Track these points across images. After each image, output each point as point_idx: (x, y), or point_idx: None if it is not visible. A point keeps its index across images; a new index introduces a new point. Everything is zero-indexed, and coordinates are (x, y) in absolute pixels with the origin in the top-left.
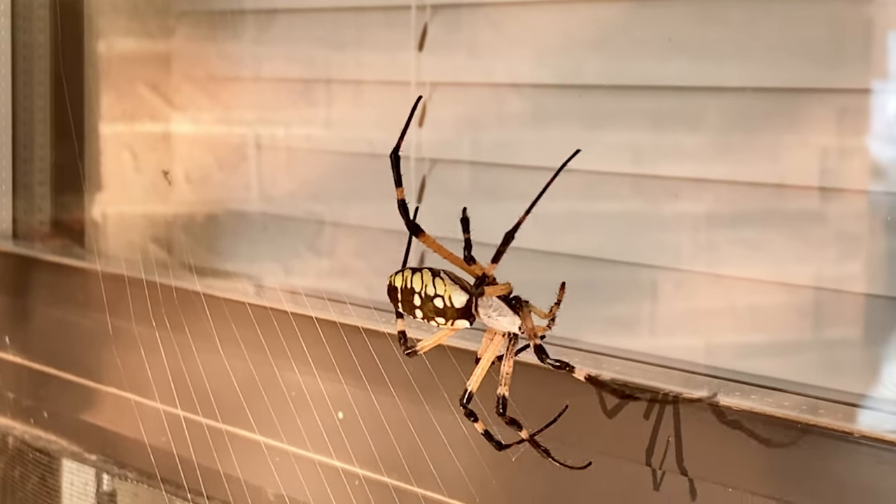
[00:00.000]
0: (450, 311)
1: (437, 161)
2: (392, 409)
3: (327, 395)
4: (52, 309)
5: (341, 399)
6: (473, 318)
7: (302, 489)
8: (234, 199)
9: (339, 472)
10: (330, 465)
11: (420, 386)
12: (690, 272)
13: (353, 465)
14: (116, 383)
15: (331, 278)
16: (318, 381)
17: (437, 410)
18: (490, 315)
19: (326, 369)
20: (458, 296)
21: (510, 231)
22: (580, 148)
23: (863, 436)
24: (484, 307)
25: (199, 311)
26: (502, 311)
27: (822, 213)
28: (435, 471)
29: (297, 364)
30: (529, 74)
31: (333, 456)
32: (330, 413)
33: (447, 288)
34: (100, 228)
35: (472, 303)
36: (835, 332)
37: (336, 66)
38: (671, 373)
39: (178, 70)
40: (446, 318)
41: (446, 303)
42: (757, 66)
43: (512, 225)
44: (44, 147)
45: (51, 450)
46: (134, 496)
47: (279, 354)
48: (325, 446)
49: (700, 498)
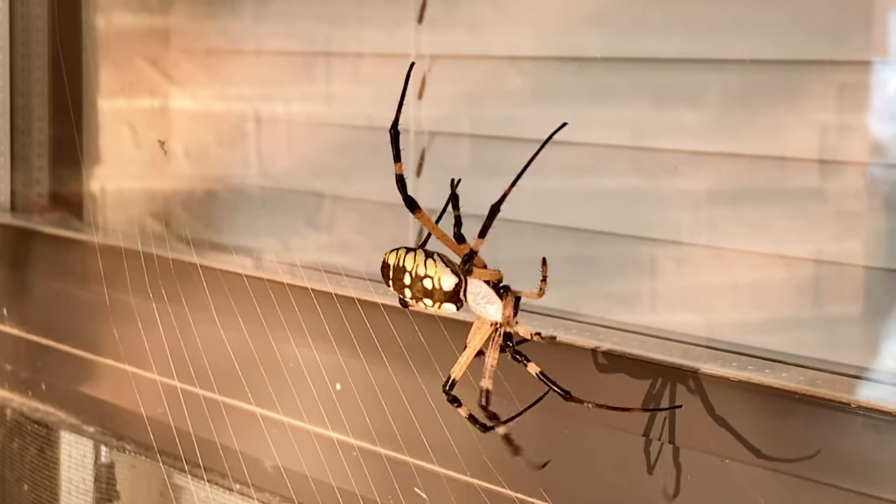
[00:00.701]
0: (438, 293)
1: (436, 134)
2: (387, 380)
3: (324, 366)
4: (50, 281)
5: (339, 371)
6: (461, 303)
7: (299, 461)
8: (233, 174)
9: (336, 443)
10: (327, 437)
11: (413, 358)
12: (692, 246)
13: (349, 436)
14: (114, 355)
15: (330, 253)
16: (315, 352)
17: (433, 381)
18: (478, 301)
19: (323, 341)
20: (448, 279)
21: (495, 204)
22: (582, 120)
23: (860, 406)
24: (472, 293)
25: (197, 283)
26: (490, 299)
27: (823, 189)
28: (428, 442)
29: (294, 336)
30: (529, 48)
31: (330, 427)
32: (327, 385)
33: (438, 269)
34: (98, 203)
35: (460, 287)
36: (835, 307)
37: (336, 40)
38: (668, 344)
39: (177, 45)
40: (434, 300)
41: (435, 284)
42: (758, 40)
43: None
44: (42, 120)
45: (49, 421)
46: (132, 468)
47: (277, 326)
48: (323, 418)
49: (696, 468)
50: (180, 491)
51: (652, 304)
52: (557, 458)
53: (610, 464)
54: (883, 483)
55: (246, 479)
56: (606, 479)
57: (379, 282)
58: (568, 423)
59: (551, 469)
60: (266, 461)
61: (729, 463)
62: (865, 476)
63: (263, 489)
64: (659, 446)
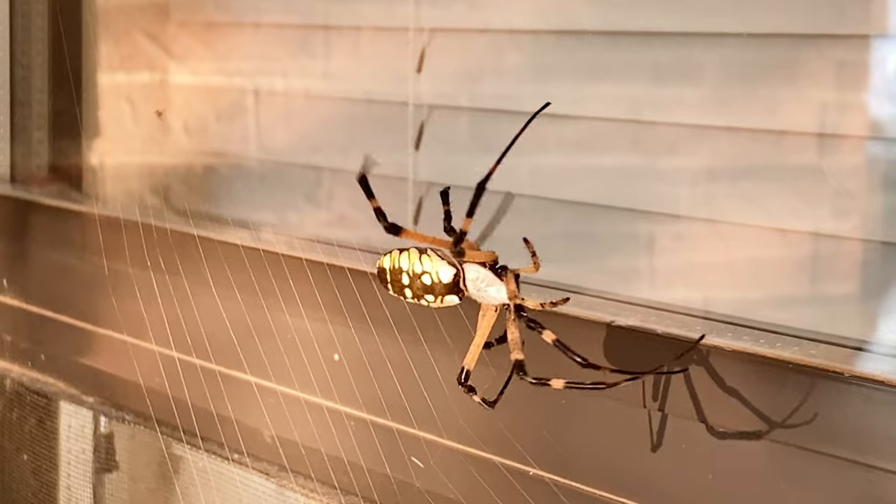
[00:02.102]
0: (438, 287)
1: (435, 108)
2: (393, 351)
3: (322, 337)
4: (50, 252)
5: (338, 341)
6: (462, 292)
7: (297, 431)
8: (232, 149)
9: (328, 412)
10: (327, 407)
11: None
12: (691, 222)
13: (348, 406)
14: (113, 326)
15: (329, 227)
16: (310, 323)
17: (437, 353)
18: (479, 288)
19: (319, 311)
20: (445, 270)
21: (481, 182)
22: (580, 95)
23: (854, 376)
24: (471, 280)
25: (195, 254)
26: (490, 282)
27: (821, 165)
28: (426, 412)
29: (289, 307)
30: (528, 22)
31: (330, 398)
32: (326, 355)
33: (434, 263)
34: (98, 176)
35: (459, 276)
36: (833, 282)
37: (335, 14)
38: (662, 314)
39: (176, 19)
40: (435, 295)
41: (434, 279)
42: (756, 14)
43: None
44: (42, 92)
45: (48, 392)
46: (131, 438)
47: (275, 297)
48: (321, 388)
49: (691, 438)
50: (179, 461)
51: (650, 280)
52: (553, 428)
53: (605, 433)
54: (875, 451)
55: (244, 449)
56: (601, 448)
57: (378, 252)
58: (563, 393)
59: (545, 439)
60: (265, 431)
61: (723, 432)
62: (859, 444)
63: (261, 458)
64: (656, 416)
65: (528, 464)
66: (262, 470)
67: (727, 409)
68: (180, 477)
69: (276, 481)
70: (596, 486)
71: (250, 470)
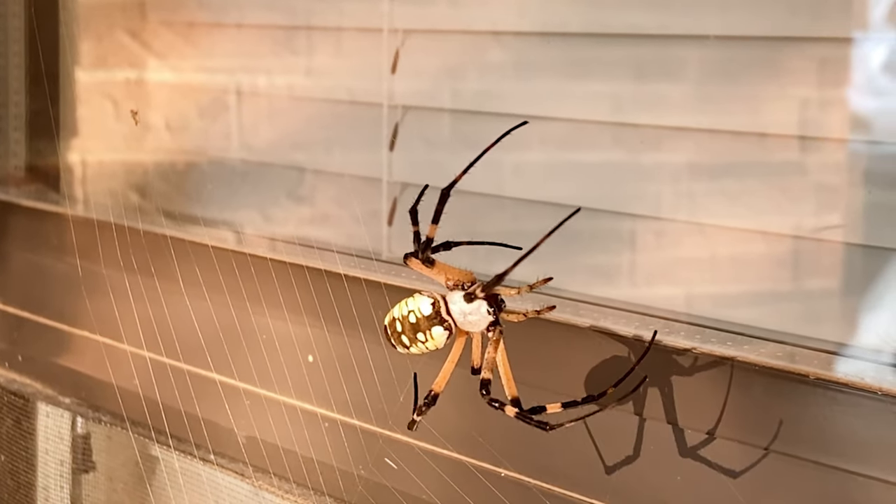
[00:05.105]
0: (423, 322)
1: (409, 108)
2: (367, 353)
3: (299, 339)
4: (27, 253)
5: (312, 342)
6: (447, 321)
7: (272, 432)
8: (214, 147)
9: (301, 413)
10: (301, 408)
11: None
12: (672, 221)
13: (323, 407)
14: (89, 327)
15: (311, 226)
16: (285, 324)
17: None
18: (465, 313)
19: (296, 313)
20: (425, 302)
21: (445, 189)
22: (563, 95)
23: (838, 382)
24: (455, 304)
25: (167, 255)
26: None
27: (803, 164)
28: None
29: (268, 308)
30: (510, 23)
31: (306, 399)
32: (301, 356)
33: (416, 300)
34: (77, 175)
35: (437, 305)
36: (814, 282)
37: (317, 13)
38: (648, 320)
39: (157, 17)
40: (422, 331)
41: (417, 314)
42: (739, 15)
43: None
44: (19, 93)
45: (25, 392)
46: (108, 438)
47: (254, 300)
48: (296, 389)
49: (676, 444)
50: (155, 462)
51: (631, 279)
52: (526, 433)
53: (574, 435)
54: (840, 453)
55: (220, 450)
56: (570, 450)
57: (361, 256)
58: (534, 396)
59: (517, 441)
60: (240, 432)
61: (707, 438)
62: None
63: (237, 459)
64: (626, 419)
65: (500, 465)
66: (238, 471)
67: (696, 411)
68: (156, 478)
69: (250, 482)
70: (564, 487)
71: (226, 471)
